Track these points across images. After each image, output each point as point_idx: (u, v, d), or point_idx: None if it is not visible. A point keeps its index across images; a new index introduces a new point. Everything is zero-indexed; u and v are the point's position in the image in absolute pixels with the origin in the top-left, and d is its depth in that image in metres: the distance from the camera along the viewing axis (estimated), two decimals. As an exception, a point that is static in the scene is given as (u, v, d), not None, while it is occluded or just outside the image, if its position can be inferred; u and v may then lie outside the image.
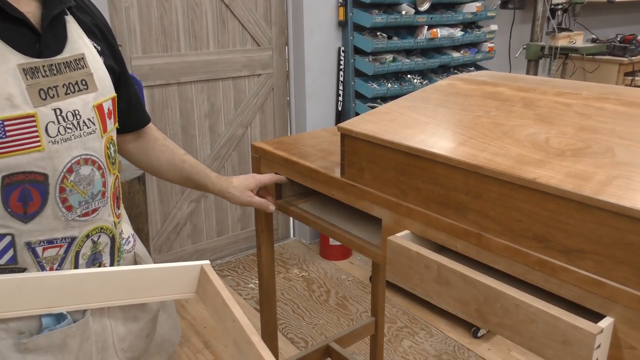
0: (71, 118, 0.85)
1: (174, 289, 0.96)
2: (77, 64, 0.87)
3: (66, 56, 0.86)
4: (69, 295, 0.88)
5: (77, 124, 0.85)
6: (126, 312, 0.99)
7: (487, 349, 2.34)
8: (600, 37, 4.22)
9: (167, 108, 2.73)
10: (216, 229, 3.10)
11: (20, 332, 0.87)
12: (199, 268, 0.96)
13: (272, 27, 2.97)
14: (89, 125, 0.88)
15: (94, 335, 0.94)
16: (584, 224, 0.75)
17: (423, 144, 0.95)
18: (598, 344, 0.71)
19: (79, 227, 0.88)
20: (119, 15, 2.47)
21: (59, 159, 0.84)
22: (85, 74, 0.88)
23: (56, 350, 0.88)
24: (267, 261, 1.50)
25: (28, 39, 0.82)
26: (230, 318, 0.83)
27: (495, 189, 0.85)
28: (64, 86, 0.84)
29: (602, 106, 0.93)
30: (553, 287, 0.80)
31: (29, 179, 0.81)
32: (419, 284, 0.93)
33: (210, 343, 2.40)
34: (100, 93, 0.90)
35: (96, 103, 0.89)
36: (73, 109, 0.85)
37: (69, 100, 0.85)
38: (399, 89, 3.05)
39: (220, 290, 0.88)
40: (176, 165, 1.17)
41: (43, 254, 0.86)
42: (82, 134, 0.86)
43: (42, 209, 0.84)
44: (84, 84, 0.88)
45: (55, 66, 0.84)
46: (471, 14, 3.26)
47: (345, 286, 2.87)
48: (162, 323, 1.10)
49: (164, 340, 1.11)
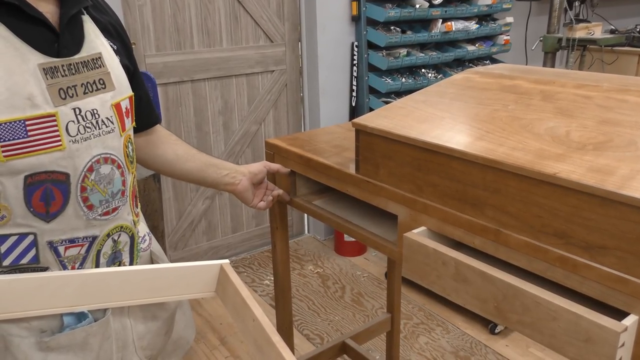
0: (90, 117, 0.85)
1: (193, 288, 0.96)
2: (95, 63, 0.87)
3: (84, 55, 0.86)
4: (90, 294, 0.89)
5: (96, 123, 0.86)
6: (145, 311, 0.99)
7: (505, 345, 2.32)
8: (619, 27, 4.14)
9: (181, 105, 2.74)
10: (231, 226, 3.11)
11: (42, 330, 0.88)
12: (218, 267, 0.96)
13: (285, 23, 2.96)
14: (107, 124, 0.88)
15: (115, 334, 0.95)
16: (607, 219, 0.73)
17: (439, 139, 0.93)
18: (622, 343, 0.69)
19: (100, 226, 0.89)
20: (133, 13, 2.48)
21: (79, 158, 0.84)
22: (102, 73, 0.88)
23: (77, 349, 0.89)
24: (282, 258, 1.50)
25: (47, 39, 0.82)
26: (250, 317, 0.83)
27: (514, 184, 0.83)
28: (82, 85, 0.85)
29: (623, 98, 0.90)
30: (575, 284, 0.78)
31: (51, 178, 0.82)
32: (436, 281, 0.92)
33: (227, 339, 2.40)
34: (118, 92, 0.91)
35: (114, 102, 0.89)
36: (92, 108, 0.85)
37: (88, 100, 0.85)
38: (413, 84, 3.02)
39: (240, 290, 0.88)
40: (194, 155, 1.17)
41: (65, 253, 0.86)
42: (101, 132, 0.87)
43: (64, 208, 0.84)
44: (102, 83, 0.88)
45: (73, 65, 0.84)
46: (486, 6, 3.22)
47: (361, 282, 2.86)
48: (178, 321, 1.11)
49: (179, 338, 1.12)
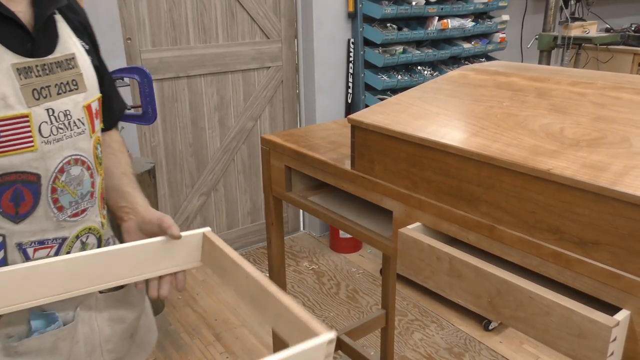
0: (63, 118, 0.85)
1: (179, 260, 0.96)
2: (68, 63, 0.87)
3: (58, 56, 0.86)
4: (79, 279, 0.87)
5: (68, 124, 0.85)
6: (113, 313, 0.99)
7: (499, 342, 2.33)
8: (614, 26, 4.16)
9: (176, 101, 2.73)
10: (226, 222, 3.11)
11: (9, 336, 0.86)
12: (201, 236, 0.95)
13: (281, 20, 2.95)
14: (79, 125, 0.88)
15: (83, 338, 0.94)
16: (600, 215, 0.73)
17: (434, 135, 0.94)
18: (614, 337, 0.70)
19: (69, 228, 0.88)
20: (128, 8, 2.47)
21: (51, 159, 0.83)
22: (75, 74, 0.88)
23: (47, 354, 0.88)
24: (278, 254, 1.50)
25: (20, 39, 0.81)
26: (243, 275, 0.82)
27: (508, 180, 0.83)
28: (56, 86, 0.84)
29: (617, 95, 0.91)
30: (568, 279, 0.78)
31: (22, 179, 0.81)
32: (431, 277, 0.92)
33: (221, 335, 2.40)
34: (90, 93, 0.90)
35: (85, 103, 0.89)
36: (64, 109, 0.85)
37: (61, 100, 0.85)
38: (409, 81, 3.02)
39: (227, 252, 0.87)
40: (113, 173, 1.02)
41: (34, 255, 0.85)
42: (72, 134, 0.86)
43: (34, 209, 0.83)
44: (75, 84, 0.88)
45: (47, 66, 0.83)
46: (482, 4, 3.22)
47: (356, 279, 2.87)
48: (141, 325, 1.10)
49: (142, 342, 1.11)
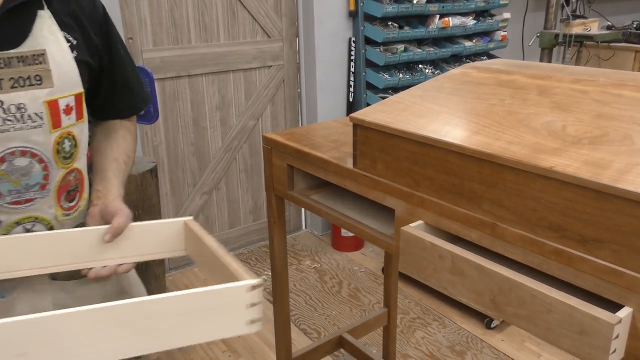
0: (14, 111, 0.87)
1: (163, 247, 0.98)
2: (35, 59, 0.88)
3: (24, 51, 0.87)
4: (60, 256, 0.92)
5: (20, 117, 0.87)
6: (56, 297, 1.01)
7: (501, 340, 2.33)
8: (616, 24, 4.15)
9: (178, 100, 2.74)
10: (228, 221, 3.11)
11: None
12: (182, 224, 0.98)
13: (283, 18, 2.95)
14: (34, 119, 0.89)
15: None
16: (602, 212, 0.73)
17: (436, 133, 0.94)
18: (616, 334, 0.70)
19: (7, 214, 0.91)
20: (130, 7, 2.47)
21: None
22: (42, 70, 0.89)
23: None
24: (280, 253, 1.50)
25: None
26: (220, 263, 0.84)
27: (510, 178, 0.83)
28: (11, 79, 0.86)
29: (619, 93, 0.91)
30: (570, 277, 0.79)
31: None
32: (433, 275, 0.93)
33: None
34: (58, 89, 0.91)
35: (48, 99, 0.90)
36: (18, 102, 0.87)
37: (15, 94, 0.87)
38: (410, 79, 3.02)
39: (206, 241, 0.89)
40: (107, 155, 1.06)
41: None
42: (24, 127, 0.88)
43: None
44: (38, 79, 0.89)
45: (5, 60, 0.85)
46: (483, 2, 3.22)
47: (358, 277, 2.87)
48: None
49: None
